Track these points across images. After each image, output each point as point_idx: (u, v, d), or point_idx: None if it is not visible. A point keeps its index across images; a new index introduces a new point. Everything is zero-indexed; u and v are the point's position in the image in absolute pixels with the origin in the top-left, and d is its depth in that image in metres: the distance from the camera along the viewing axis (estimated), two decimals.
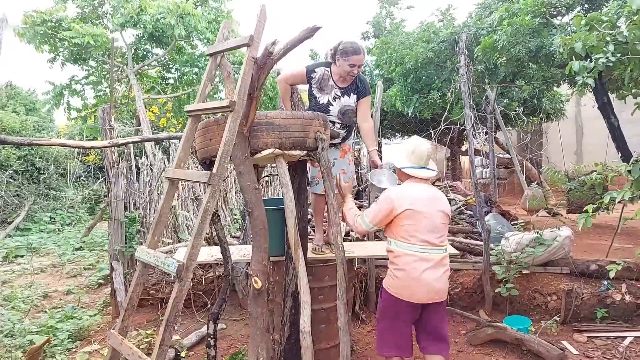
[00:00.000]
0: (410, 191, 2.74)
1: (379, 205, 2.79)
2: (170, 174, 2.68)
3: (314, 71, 3.42)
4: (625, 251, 5.58)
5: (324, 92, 3.44)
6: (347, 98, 3.46)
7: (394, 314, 2.75)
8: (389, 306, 2.76)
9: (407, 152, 2.85)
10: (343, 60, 3.28)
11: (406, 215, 2.64)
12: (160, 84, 11.54)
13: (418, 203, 2.66)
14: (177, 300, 2.28)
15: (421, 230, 2.63)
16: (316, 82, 3.43)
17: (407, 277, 2.61)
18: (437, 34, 7.13)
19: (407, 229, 2.64)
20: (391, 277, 2.71)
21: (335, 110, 3.45)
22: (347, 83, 3.44)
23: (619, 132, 4.68)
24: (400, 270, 2.64)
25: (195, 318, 4.77)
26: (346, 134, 3.61)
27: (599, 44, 4.05)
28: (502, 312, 4.48)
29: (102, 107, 4.68)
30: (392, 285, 2.70)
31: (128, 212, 5.26)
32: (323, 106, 3.44)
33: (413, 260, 2.61)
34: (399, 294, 2.66)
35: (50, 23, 8.93)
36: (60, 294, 6.09)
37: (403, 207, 2.64)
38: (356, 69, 3.33)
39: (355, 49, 3.26)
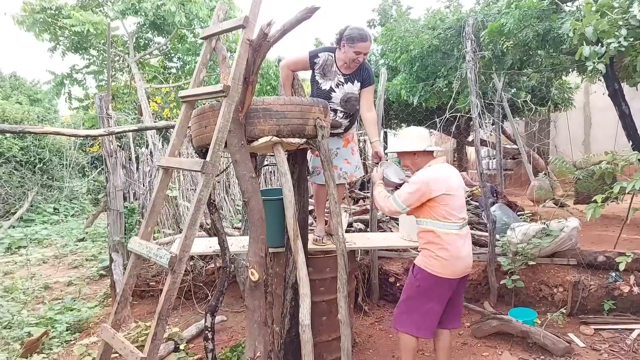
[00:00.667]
0: (442, 173, 2.84)
1: (412, 188, 2.81)
2: (164, 162, 2.59)
3: (317, 56, 3.31)
4: (633, 242, 5.46)
5: (327, 78, 3.34)
6: (351, 85, 3.35)
7: (432, 294, 2.82)
8: (428, 287, 2.81)
9: (423, 135, 3.00)
10: (348, 46, 3.18)
11: (443, 198, 2.75)
12: (163, 74, 11.44)
13: (452, 185, 2.80)
14: (170, 293, 2.20)
15: (457, 209, 2.80)
16: (319, 67, 3.32)
17: (451, 256, 2.74)
18: (443, 21, 6.97)
19: (445, 209, 2.75)
20: (432, 257, 2.78)
21: (337, 97, 3.34)
22: (351, 70, 3.34)
23: (630, 120, 4.54)
24: (443, 249, 2.74)
25: (195, 310, 4.72)
26: (349, 124, 3.50)
27: (610, 28, 3.91)
28: (508, 304, 4.39)
29: (99, 95, 4.59)
30: (433, 265, 2.77)
31: (127, 203, 5.20)
32: (325, 92, 3.34)
33: (455, 238, 2.76)
34: (442, 272, 2.75)
35: (49, 11, 8.83)
36: (61, 285, 6.06)
37: (440, 192, 2.75)
38: (361, 56, 3.22)
39: (361, 36, 3.16)
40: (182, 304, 4.79)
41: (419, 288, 2.84)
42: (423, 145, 2.93)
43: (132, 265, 2.54)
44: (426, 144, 2.95)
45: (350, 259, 3.63)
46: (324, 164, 2.93)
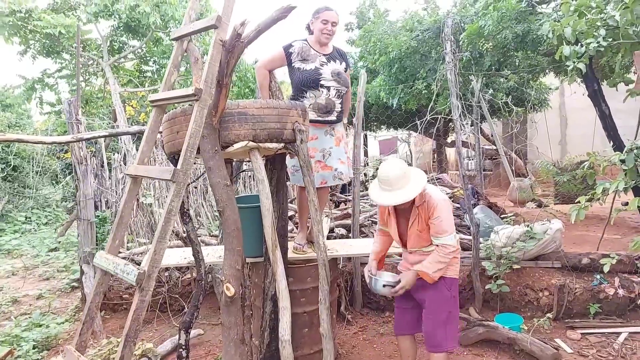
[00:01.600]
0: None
1: (449, 214, 2.71)
2: (132, 170, 2.43)
3: (291, 46, 3.27)
4: (614, 242, 5.48)
5: (308, 61, 3.27)
6: (334, 63, 3.32)
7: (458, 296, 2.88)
8: (457, 293, 2.86)
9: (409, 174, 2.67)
10: (315, 19, 3.22)
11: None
12: (138, 77, 11.16)
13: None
14: (138, 312, 2.04)
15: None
16: (296, 55, 3.26)
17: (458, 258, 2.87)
18: (420, 23, 6.93)
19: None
20: (456, 263, 2.82)
21: (327, 72, 3.27)
22: (328, 50, 3.32)
23: (610, 121, 4.52)
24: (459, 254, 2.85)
25: (171, 323, 4.52)
26: (341, 108, 3.39)
27: (589, 29, 3.89)
28: (493, 309, 4.31)
29: (68, 100, 4.38)
30: (457, 270, 2.84)
31: (99, 212, 4.98)
32: (312, 71, 3.23)
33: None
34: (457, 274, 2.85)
35: (19, 14, 8.52)
36: (30, 299, 5.78)
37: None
38: (329, 25, 3.21)
39: (326, 6, 3.22)
40: (156, 317, 4.59)
41: (455, 298, 2.81)
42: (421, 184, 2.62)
43: (98, 282, 2.37)
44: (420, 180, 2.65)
45: (332, 267, 3.50)
46: (303, 170, 2.81)
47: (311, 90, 3.23)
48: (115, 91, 8.76)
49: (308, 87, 3.23)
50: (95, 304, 2.36)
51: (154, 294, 4.72)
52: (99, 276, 2.36)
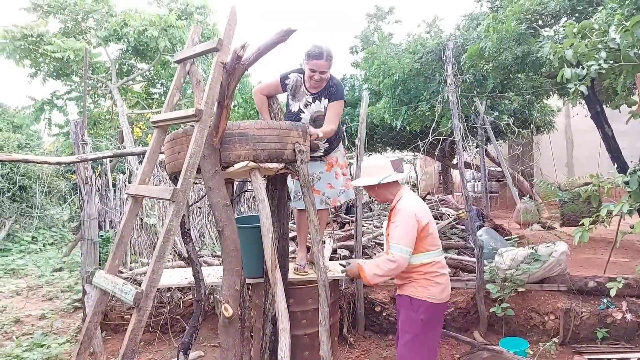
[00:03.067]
0: (418, 202, 2.77)
1: (407, 226, 2.61)
2: (133, 190, 2.45)
3: (287, 77, 3.28)
4: (622, 266, 5.39)
5: (296, 99, 3.30)
6: (318, 103, 3.30)
7: (435, 323, 2.76)
8: (431, 317, 2.70)
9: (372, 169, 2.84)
10: (305, 62, 3.17)
11: (427, 227, 2.69)
12: (146, 99, 11.33)
13: (427, 211, 2.76)
14: (135, 332, 2.03)
15: (436, 236, 2.76)
16: (290, 88, 3.27)
17: (445, 279, 2.73)
18: (423, 45, 7.01)
19: (431, 238, 2.71)
20: (431, 286, 2.68)
21: (306, 118, 3.29)
22: (318, 89, 3.27)
23: (613, 143, 4.51)
24: (439, 275, 2.70)
25: (172, 344, 4.47)
26: (328, 145, 3.40)
27: (590, 51, 3.92)
28: (498, 333, 4.24)
29: (74, 121, 4.44)
30: (434, 293, 2.68)
31: (103, 232, 5.00)
32: (294, 114, 3.29)
33: (442, 263, 2.76)
34: (440, 298, 2.70)
35: (30, 38, 8.73)
36: (33, 319, 5.76)
37: (425, 221, 2.68)
38: (317, 74, 3.15)
39: (316, 54, 3.08)
40: (157, 338, 4.55)
41: (423, 322, 2.67)
42: (378, 178, 2.76)
43: (97, 301, 2.36)
44: (383, 176, 2.78)
45: (333, 288, 3.48)
46: (304, 190, 2.82)
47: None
48: (122, 113, 8.89)
49: None
50: (94, 324, 2.35)
51: (156, 315, 4.69)
52: (98, 295, 2.36)
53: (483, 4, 7.34)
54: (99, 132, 11.11)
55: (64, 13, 9.22)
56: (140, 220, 5.59)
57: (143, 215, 5.60)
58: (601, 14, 4.34)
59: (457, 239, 6.19)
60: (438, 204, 7.91)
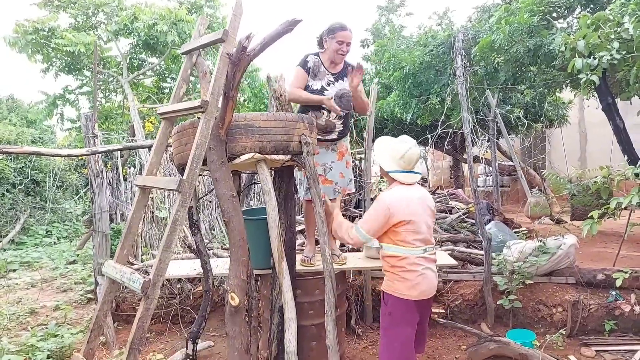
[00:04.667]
0: (403, 198, 2.62)
1: (374, 215, 2.63)
2: (140, 181, 2.49)
3: (307, 61, 3.31)
4: (633, 259, 5.33)
5: (317, 78, 3.33)
6: (342, 82, 3.36)
7: (405, 319, 2.67)
8: (400, 312, 2.65)
9: (397, 155, 2.66)
10: (330, 38, 3.22)
11: (403, 224, 2.59)
12: (157, 94, 11.41)
13: (412, 210, 2.61)
14: (143, 320, 2.07)
15: (419, 233, 2.63)
16: (310, 70, 3.30)
17: (415, 276, 2.61)
18: (434, 38, 6.95)
19: (406, 235, 2.61)
20: (397, 280, 2.64)
21: (331, 94, 3.32)
22: (339, 68, 3.34)
23: (624, 135, 4.46)
24: (407, 271, 2.61)
25: (182, 335, 4.53)
26: (343, 128, 3.42)
27: (602, 42, 3.87)
28: (505, 325, 4.23)
29: (85, 114, 4.50)
30: (399, 288, 2.63)
31: (114, 224, 5.07)
32: (317, 92, 3.31)
33: (417, 260, 2.62)
34: (408, 295, 2.61)
35: (42, 32, 8.83)
36: (47, 310, 5.88)
37: (399, 218, 2.58)
38: (344, 46, 3.23)
39: (342, 25, 3.20)
40: (168, 329, 4.62)
41: (391, 316, 2.66)
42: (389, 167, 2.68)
43: (106, 290, 2.41)
44: (392, 167, 2.67)
45: (340, 280, 3.50)
46: (310, 182, 2.84)
47: (313, 111, 3.29)
48: (133, 107, 8.97)
49: (311, 108, 3.29)
50: (103, 312, 2.40)
51: (166, 306, 4.76)
52: (107, 284, 2.41)
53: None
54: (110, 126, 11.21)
55: (74, 7, 9.30)
56: (151, 213, 5.66)
57: (154, 208, 5.66)
58: (615, 4, 4.27)
59: (467, 232, 6.17)
60: (448, 198, 7.88)
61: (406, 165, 2.66)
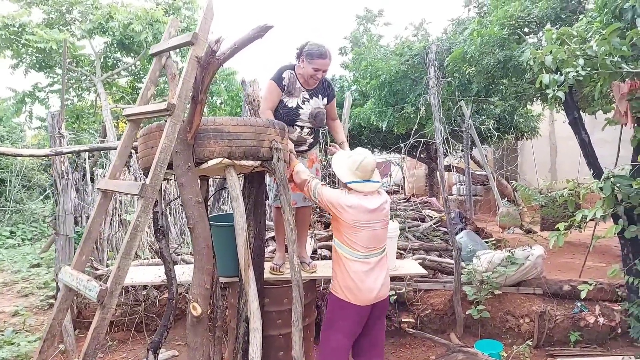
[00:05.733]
0: (355, 205, 2.66)
1: (331, 194, 2.71)
2: (102, 185, 2.40)
3: (282, 77, 3.24)
4: (599, 270, 5.46)
5: (292, 95, 3.26)
6: (317, 99, 3.32)
7: (339, 325, 2.68)
8: (336, 314, 2.69)
9: (352, 167, 2.74)
10: (307, 62, 3.15)
11: (348, 226, 2.65)
12: (131, 94, 11.18)
13: (361, 218, 2.65)
14: (98, 330, 1.98)
15: (363, 241, 2.66)
16: (286, 87, 3.23)
17: (354, 281, 2.63)
18: (410, 48, 7.02)
19: (351, 237, 2.66)
20: (336, 279, 2.70)
21: (306, 113, 3.28)
22: (313, 86, 3.30)
23: (590, 149, 4.55)
24: (345, 273, 2.65)
25: (146, 343, 4.40)
26: (313, 140, 3.43)
27: (569, 58, 3.95)
28: (474, 335, 4.25)
29: (51, 113, 4.36)
30: (339, 289, 2.68)
31: (80, 227, 4.91)
32: (292, 110, 3.26)
33: (359, 265, 2.65)
34: (347, 298, 2.65)
35: (12, 27, 8.56)
36: (6, 316, 5.64)
37: (346, 220, 2.64)
38: (320, 73, 3.19)
39: (321, 53, 3.12)
40: (132, 337, 4.48)
41: (328, 318, 2.70)
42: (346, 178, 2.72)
43: (62, 298, 2.31)
44: (349, 178, 2.72)
45: (310, 288, 3.46)
46: (280, 188, 2.79)
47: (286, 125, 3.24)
48: (106, 107, 8.77)
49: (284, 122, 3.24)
50: (58, 321, 2.29)
51: (131, 313, 4.62)
52: (64, 292, 2.31)
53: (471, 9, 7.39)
54: (82, 126, 10.95)
55: (47, 4, 9.05)
56: (119, 216, 5.51)
57: (122, 211, 5.52)
58: (582, 21, 4.39)
59: (440, 241, 6.21)
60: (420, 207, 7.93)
61: (363, 175, 2.71)
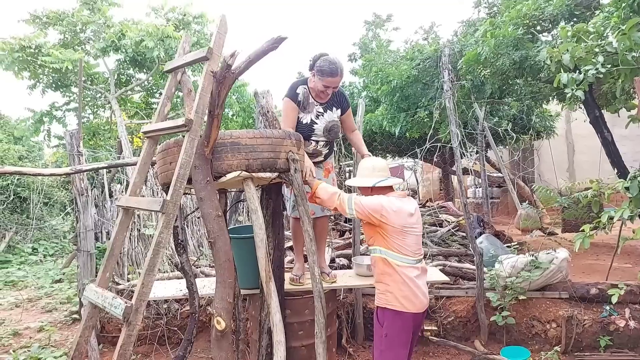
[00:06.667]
0: (395, 206, 2.60)
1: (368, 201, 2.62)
2: (123, 202, 2.42)
3: (297, 94, 3.21)
4: (625, 272, 5.33)
5: (306, 110, 3.25)
6: (331, 113, 3.30)
7: (399, 340, 2.58)
8: (396, 330, 2.57)
9: (368, 172, 2.79)
10: (318, 78, 3.12)
11: (397, 231, 2.57)
12: (145, 109, 11.32)
13: (406, 222, 2.61)
14: (125, 347, 1.98)
15: (411, 245, 2.62)
16: (300, 104, 3.22)
17: (410, 287, 2.56)
18: (421, 52, 7.00)
19: (399, 243, 2.59)
20: (390, 291, 2.59)
21: (320, 128, 3.27)
22: (325, 99, 3.27)
23: (613, 147, 4.48)
24: (402, 281, 2.56)
25: (169, 356, 4.42)
26: (328, 152, 3.43)
27: (587, 55, 3.89)
28: (499, 342, 4.17)
29: (69, 132, 4.43)
30: (394, 300, 2.57)
31: (100, 243, 4.96)
32: (307, 126, 3.25)
33: (409, 270, 2.58)
34: (405, 308, 2.55)
35: (29, 49, 8.75)
36: (31, 332, 5.70)
37: (394, 224, 2.56)
38: (330, 90, 3.17)
39: (332, 71, 3.08)
40: (155, 351, 4.49)
41: (387, 337, 2.57)
42: (371, 182, 2.73)
43: (87, 315, 2.32)
44: (379, 179, 2.74)
45: (331, 298, 3.43)
46: (298, 199, 2.79)
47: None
48: (121, 123, 8.88)
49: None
50: (85, 338, 2.30)
51: (153, 327, 4.64)
52: (89, 309, 2.32)
53: (481, 10, 7.35)
54: (98, 142, 11.10)
55: (62, 24, 9.24)
56: (138, 230, 5.55)
57: (140, 226, 5.56)
58: (598, 17, 4.32)
59: (458, 246, 6.14)
60: (438, 212, 7.85)
61: (382, 173, 2.75)
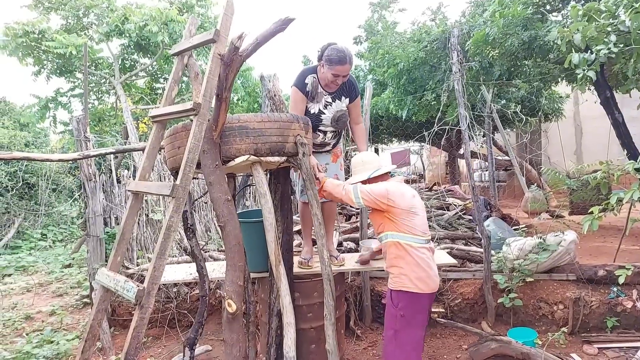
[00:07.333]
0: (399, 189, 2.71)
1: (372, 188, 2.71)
2: (133, 186, 2.42)
3: (304, 83, 3.17)
4: (633, 254, 5.31)
5: (315, 100, 3.21)
6: (339, 102, 3.26)
7: (417, 318, 2.63)
8: (412, 311, 2.60)
9: (360, 166, 2.91)
10: (327, 67, 3.08)
11: (406, 212, 2.65)
12: (149, 94, 11.30)
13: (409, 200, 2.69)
14: (138, 330, 2.01)
15: (420, 225, 2.69)
16: (309, 94, 3.19)
17: (424, 267, 2.60)
18: (428, 34, 6.90)
19: (409, 224, 2.64)
20: (404, 274, 2.61)
21: (328, 118, 3.25)
22: (334, 89, 3.23)
23: (624, 128, 4.42)
24: (415, 262, 2.60)
25: (180, 339, 4.48)
26: (336, 141, 3.42)
27: (599, 35, 3.81)
28: (506, 324, 4.20)
29: (76, 117, 4.43)
30: (408, 282, 2.59)
31: (109, 228, 4.99)
32: (315, 116, 3.22)
33: (421, 250, 2.64)
34: (420, 288, 2.58)
35: (32, 35, 8.71)
36: (43, 315, 5.80)
37: (402, 207, 2.64)
38: (340, 79, 3.12)
39: (340, 59, 3.03)
40: (165, 333, 4.56)
41: (404, 317, 2.60)
42: (368, 173, 2.85)
43: (100, 299, 2.35)
44: (372, 170, 2.86)
45: (339, 281, 3.45)
46: (307, 183, 2.79)
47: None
48: (126, 108, 8.88)
49: None
50: (97, 321, 2.33)
51: (163, 310, 4.70)
52: (101, 293, 2.35)
53: None
54: (103, 128, 11.12)
55: (64, 9, 9.18)
56: (146, 215, 5.59)
57: (148, 211, 5.59)
58: None
59: (465, 229, 6.14)
60: (445, 195, 7.84)
61: (373, 165, 2.88)
